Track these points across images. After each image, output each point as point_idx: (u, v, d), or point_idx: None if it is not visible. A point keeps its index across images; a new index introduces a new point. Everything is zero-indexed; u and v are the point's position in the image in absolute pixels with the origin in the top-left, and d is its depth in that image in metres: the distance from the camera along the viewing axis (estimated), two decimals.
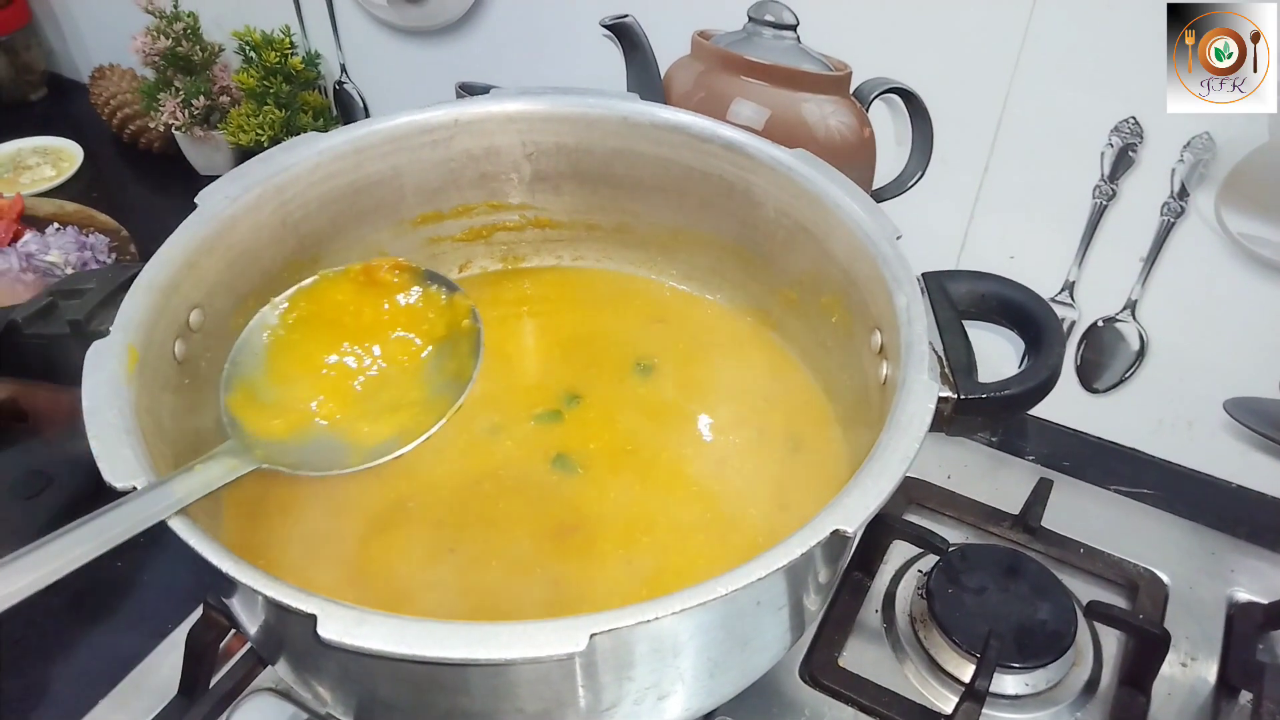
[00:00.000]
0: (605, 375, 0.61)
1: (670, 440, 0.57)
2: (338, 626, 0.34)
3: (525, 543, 0.51)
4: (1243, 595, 0.66)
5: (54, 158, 1.08)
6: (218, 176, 0.95)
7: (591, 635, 0.33)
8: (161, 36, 0.94)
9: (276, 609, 0.37)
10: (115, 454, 0.40)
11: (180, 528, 0.37)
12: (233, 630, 0.59)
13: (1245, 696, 0.59)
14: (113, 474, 0.39)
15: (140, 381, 0.44)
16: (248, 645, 0.61)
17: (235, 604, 0.46)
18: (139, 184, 1.08)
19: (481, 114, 0.60)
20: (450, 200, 0.63)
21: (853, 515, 0.37)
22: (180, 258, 0.50)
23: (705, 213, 0.61)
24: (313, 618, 0.34)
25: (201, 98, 0.97)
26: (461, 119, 0.60)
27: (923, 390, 0.42)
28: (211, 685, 0.60)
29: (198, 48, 0.97)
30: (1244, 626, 0.63)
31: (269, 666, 0.60)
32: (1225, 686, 0.60)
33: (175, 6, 0.96)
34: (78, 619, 0.66)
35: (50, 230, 0.89)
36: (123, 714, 0.60)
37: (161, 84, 0.98)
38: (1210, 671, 0.61)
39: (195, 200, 0.53)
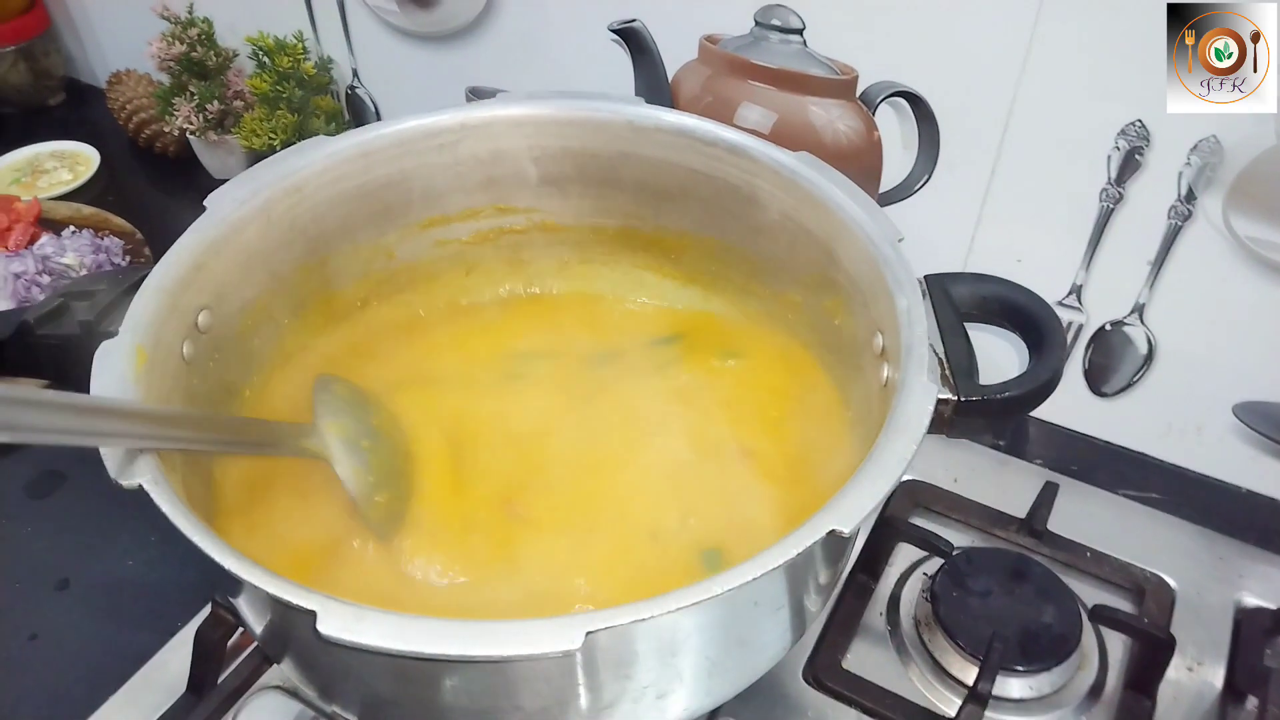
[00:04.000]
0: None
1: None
2: (337, 623, 0.34)
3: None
4: (1251, 600, 0.65)
5: (71, 162, 1.09)
6: None
7: (588, 633, 0.34)
8: (176, 42, 0.96)
9: (278, 605, 0.38)
10: (121, 452, 0.40)
11: (186, 526, 0.38)
12: (240, 628, 0.60)
13: (1252, 702, 0.59)
14: (119, 472, 0.40)
15: (148, 381, 0.45)
16: (255, 643, 0.62)
17: (241, 602, 0.47)
18: (154, 188, 1.10)
19: (488, 118, 0.61)
20: (457, 203, 0.64)
21: (849, 516, 0.37)
22: (189, 259, 0.51)
23: (710, 216, 0.61)
24: (312, 614, 0.34)
25: (215, 102, 0.98)
26: (468, 123, 0.61)
27: (921, 392, 0.43)
28: (219, 682, 0.60)
29: (212, 53, 0.98)
30: (1251, 631, 0.63)
31: (273, 666, 0.61)
32: (1232, 691, 0.60)
33: (190, 12, 0.97)
34: (88, 617, 0.67)
35: (66, 233, 0.90)
36: (132, 710, 0.60)
37: (176, 89, 0.99)
38: (1217, 676, 0.61)
39: (204, 203, 0.53)
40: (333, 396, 0.54)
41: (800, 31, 0.70)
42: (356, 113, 1.01)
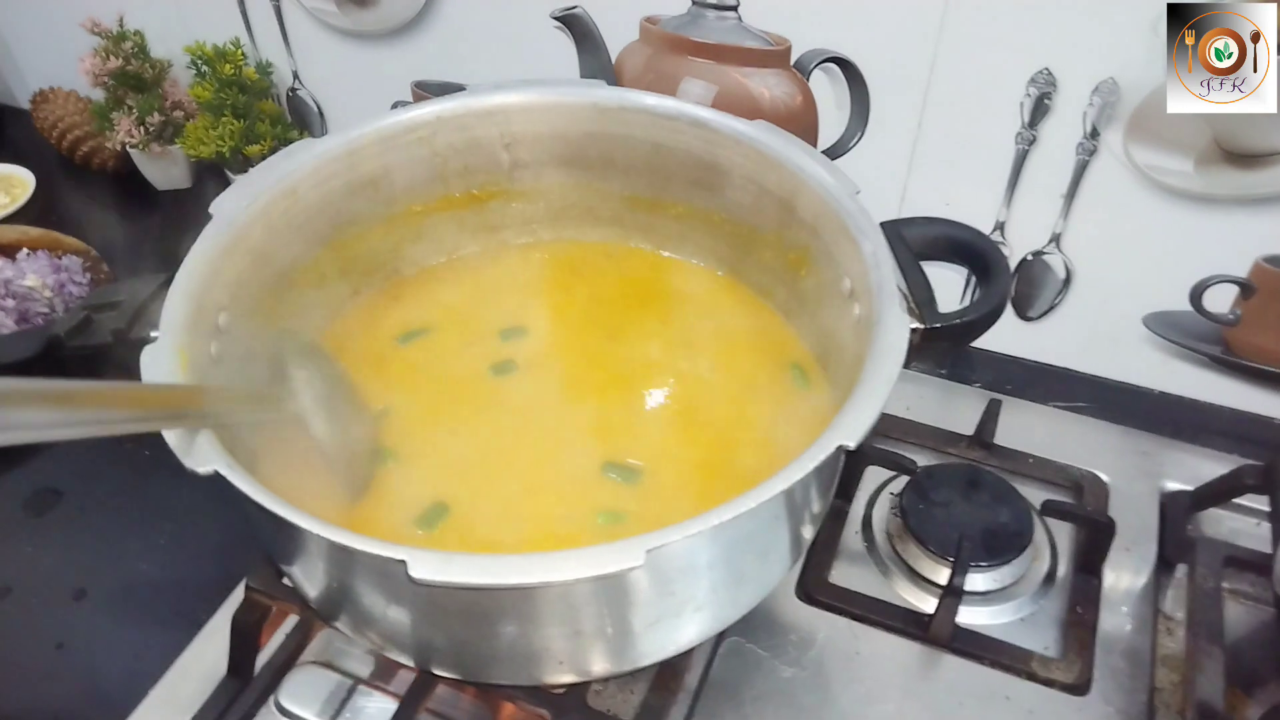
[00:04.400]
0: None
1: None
2: (428, 567, 0.39)
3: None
4: (1172, 485, 0.74)
5: (5, 185, 1.08)
6: (178, 190, 0.98)
7: (648, 550, 0.39)
8: (110, 57, 0.96)
9: (358, 560, 0.42)
10: (191, 443, 0.44)
11: (272, 504, 0.41)
12: (272, 611, 0.63)
13: (1181, 569, 0.68)
14: (194, 460, 0.43)
15: (191, 380, 0.48)
16: (289, 626, 0.65)
17: (296, 571, 0.51)
18: (95, 205, 1.09)
19: (461, 109, 0.65)
20: (436, 192, 0.67)
21: (853, 431, 0.43)
22: (206, 264, 0.53)
23: (676, 185, 0.66)
24: (403, 563, 0.39)
25: (156, 114, 0.98)
26: (443, 115, 0.64)
27: (896, 323, 0.49)
28: (258, 665, 0.64)
29: (147, 65, 0.98)
30: (1175, 511, 0.72)
31: (310, 643, 0.65)
32: (1164, 562, 0.69)
33: (121, 25, 0.97)
34: (111, 622, 0.69)
35: (21, 256, 0.90)
36: (174, 702, 0.63)
37: (113, 104, 0.99)
38: (1150, 552, 0.70)
39: (210, 210, 0.56)
40: (295, 356, 0.56)
41: (735, 8, 0.75)
42: (299, 115, 1.03)
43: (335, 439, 0.54)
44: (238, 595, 0.62)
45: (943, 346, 0.52)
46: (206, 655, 0.65)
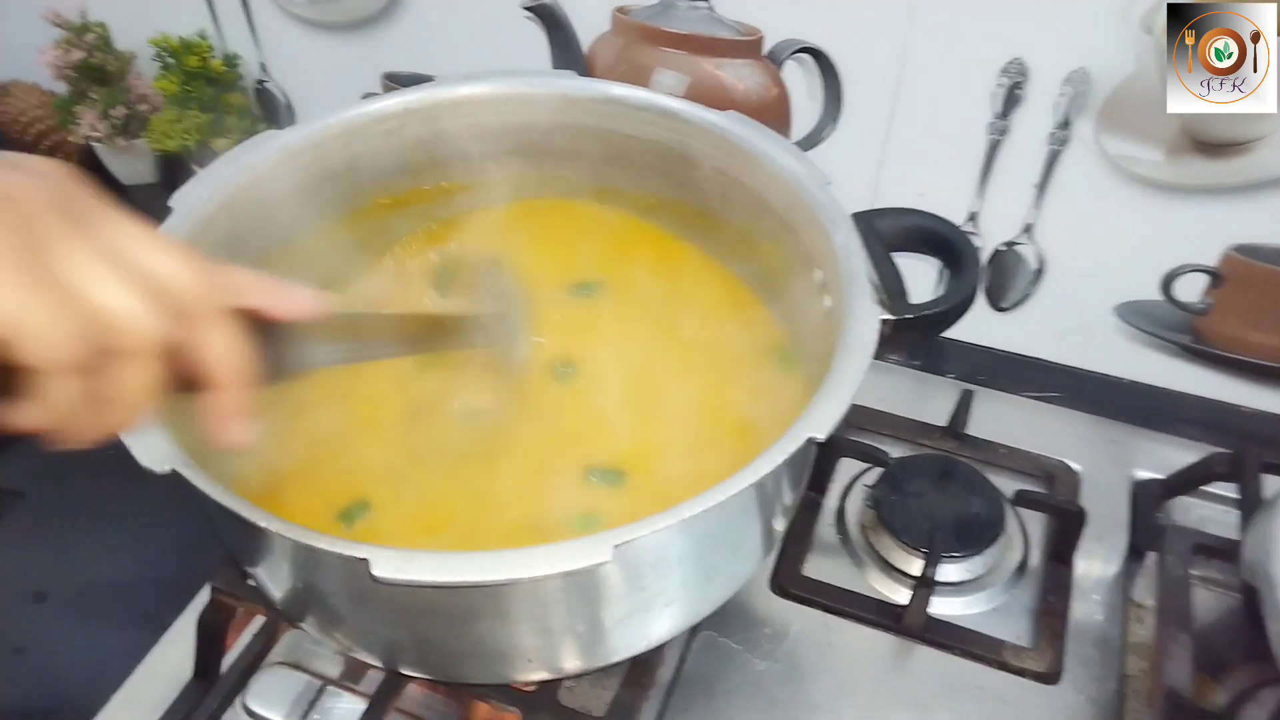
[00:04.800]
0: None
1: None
2: (389, 565, 0.38)
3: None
4: (1142, 474, 0.75)
5: None
6: (144, 185, 0.97)
7: (615, 546, 0.38)
8: (73, 49, 0.94)
9: (320, 561, 0.42)
10: (146, 440, 0.43)
11: (232, 502, 0.41)
12: (238, 612, 0.62)
13: (1151, 557, 0.68)
14: (150, 459, 0.42)
15: None
16: (255, 626, 0.64)
17: (261, 572, 0.50)
18: None
19: (428, 101, 0.64)
20: (404, 184, 0.67)
21: (821, 424, 0.43)
22: None
23: (647, 176, 0.66)
24: (365, 561, 0.38)
25: (120, 107, 0.96)
26: (410, 107, 0.63)
27: (866, 314, 0.49)
28: (224, 667, 0.63)
29: (110, 57, 0.97)
30: (1145, 499, 0.72)
31: (278, 644, 0.64)
32: (1134, 550, 0.69)
33: (84, 17, 0.95)
34: (72, 625, 0.68)
35: None
36: (138, 705, 0.62)
37: (76, 97, 0.98)
38: (1121, 540, 0.70)
39: (169, 203, 0.55)
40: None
41: None
42: (267, 107, 1.01)
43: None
44: (203, 596, 0.61)
45: (914, 337, 0.52)
46: (171, 657, 0.64)
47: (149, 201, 1.04)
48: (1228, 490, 0.70)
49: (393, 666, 0.52)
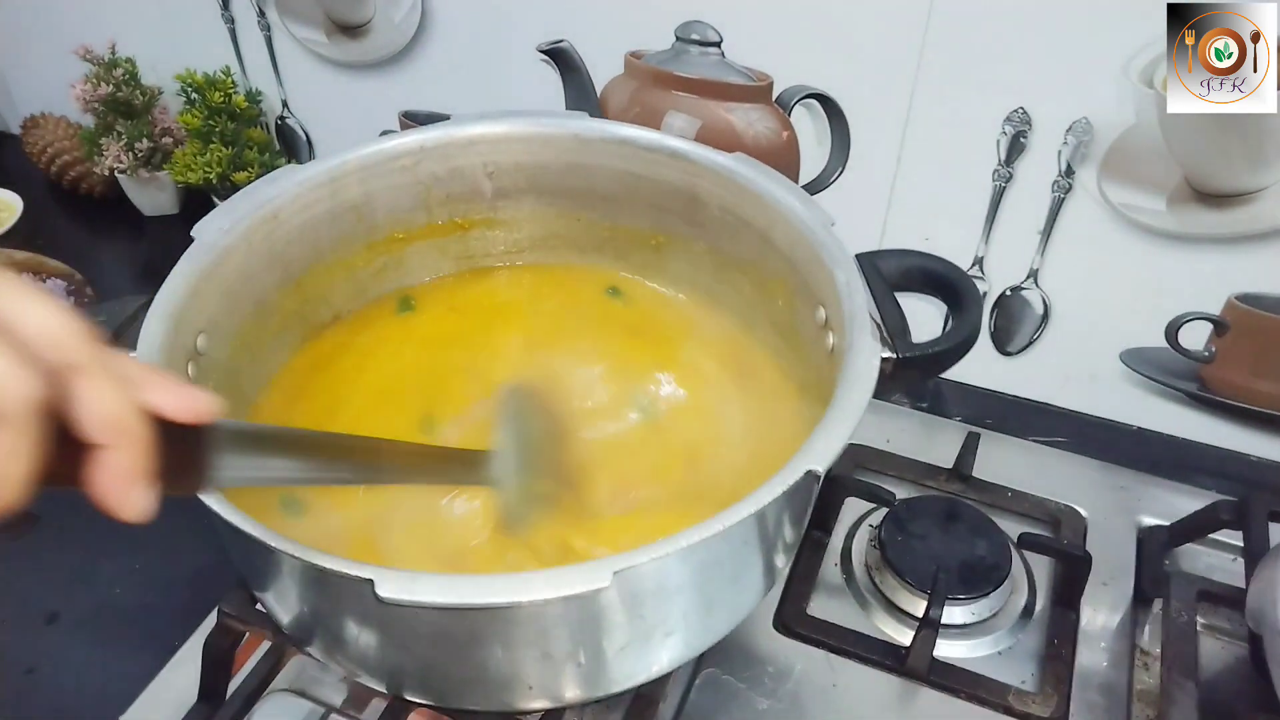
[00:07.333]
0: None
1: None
2: (394, 586, 0.39)
3: None
4: (1149, 520, 0.75)
5: None
6: (166, 216, 0.99)
7: (614, 572, 0.39)
8: (101, 83, 0.97)
9: (328, 583, 0.42)
10: None
11: (245, 524, 0.41)
12: (245, 637, 0.63)
13: (1158, 604, 0.68)
14: None
15: None
16: (261, 652, 0.65)
17: (269, 596, 0.51)
18: (83, 229, 1.10)
19: (444, 139, 0.66)
20: (419, 220, 0.68)
21: (822, 456, 0.44)
22: (185, 287, 0.54)
23: (656, 215, 0.67)
24: (370, 582, 0.39)
25: (145, 140, 0.99)
26: (426, 144, 0.65)
27: (868, 351, 0.49)
28: (230, 691, 0.63)
29: (137, 92, 0.99)
30: (1152, 546, 0.72)
31: (282, 670, 0.64)
32: (1140, 597, 0.69)
33: (113, 53, 0.98)
34: (83, 646, 0.69)
35: None
36: None
37: (102, 129, 1.00)
38: (1127, 586, 0.70)
39: (192, 233, 0.56)
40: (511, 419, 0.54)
41: (718, 44, 0.77)
42: (288, 143, 1.04)
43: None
44: (211, 620, 0.61)
45: (914, 376, 0.53)
46: (178, 681, 0.65)
47: (170, 233, 1.07)
48: (1234, 538, 0.69)
49: (396, 692, 0.52)
